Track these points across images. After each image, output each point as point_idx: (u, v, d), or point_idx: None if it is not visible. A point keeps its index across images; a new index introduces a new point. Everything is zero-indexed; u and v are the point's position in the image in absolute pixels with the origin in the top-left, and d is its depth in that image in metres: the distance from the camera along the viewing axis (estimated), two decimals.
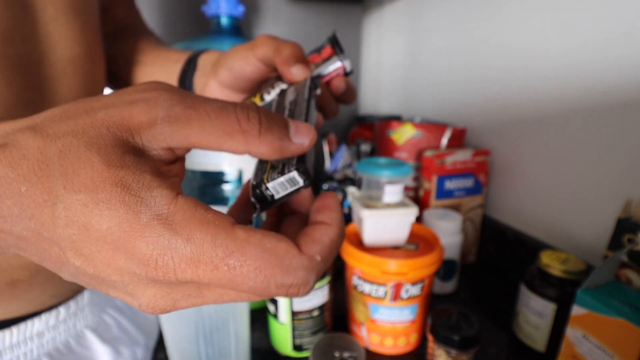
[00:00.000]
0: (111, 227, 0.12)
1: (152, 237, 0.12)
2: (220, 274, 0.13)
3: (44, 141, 0.12)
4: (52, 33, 0.30)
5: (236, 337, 0.37)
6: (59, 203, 0.12)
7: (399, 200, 0.44)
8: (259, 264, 0.13)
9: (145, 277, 0.13)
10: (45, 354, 0.33)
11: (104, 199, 0.12)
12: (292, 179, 0.17)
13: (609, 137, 0.43)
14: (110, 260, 0.12)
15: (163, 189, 0.13)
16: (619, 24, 0.41)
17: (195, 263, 0.12)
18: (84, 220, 0.12)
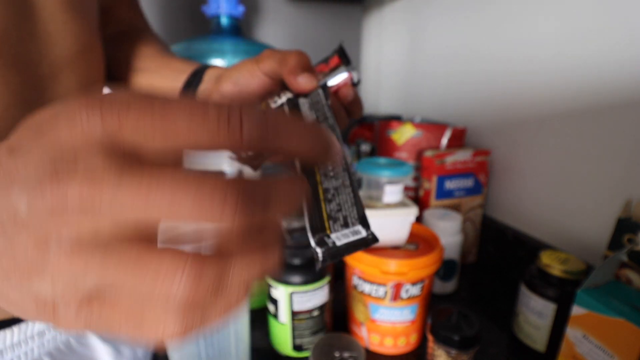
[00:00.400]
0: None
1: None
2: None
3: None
4: (50, 32, 0.30)
5: (236, 337, 0.37)
6: None
7: (399, 200, 0.44)
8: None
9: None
10: (46, 353, 0.33)
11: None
12: (356, 231, 0.17)
13: (609, 137, 0.43)
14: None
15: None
16: (619, 24, 0.41)
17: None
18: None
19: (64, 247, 0.12)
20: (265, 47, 0.64)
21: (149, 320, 0.13)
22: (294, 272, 0.38)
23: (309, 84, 0.24)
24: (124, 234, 0.12)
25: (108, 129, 0.12)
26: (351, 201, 0.19)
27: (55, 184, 0.11)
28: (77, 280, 0.12)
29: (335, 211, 0.18)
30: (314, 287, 0.39)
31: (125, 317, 0.13)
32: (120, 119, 0.12)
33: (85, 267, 0.12)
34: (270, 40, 0.96)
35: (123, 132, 0.12)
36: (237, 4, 0.65)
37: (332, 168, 0.20)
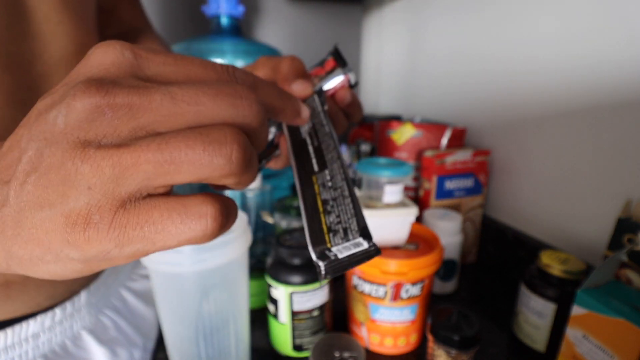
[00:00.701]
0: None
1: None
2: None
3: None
4: (45, 32, 0.29)
5: (236, 337, 0.37)
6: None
7: (399, 200, 0.44)
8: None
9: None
10: (41, 355, 0.33)
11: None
12: (357, 244, 0.17)
13: (609, 137, 0.43)
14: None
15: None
16: (619, 24, 0.41)
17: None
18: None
19: (103, 149, 0.13)
20: (265, 47, 0.64)
21: (193, 209, 0.14)
22: (294, 272, 0.38)
23: (303, 91, 0.24)
24: (161, 131, 0.13)
25: (139, 61, 0.14)
26: (351, 212, 0.18)
27: (89, 93, 0.13)
28: (118, 182, 0.13)
29: (335, 223, 0.18)
30: (314, 287, 0.39)
31: (168, 214, 0.13)
32: (149, 57, 0.14)
33: (128, 165, 0.13)
34: (270, 40, 0.96)
35: (151, 67, 0.14)
36: (237, 4, 0.65)
37: (331, 178, 0.19)
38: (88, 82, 0.13)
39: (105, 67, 0.14)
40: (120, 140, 0.13)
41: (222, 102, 0.14)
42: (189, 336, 0.34)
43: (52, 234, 0.13)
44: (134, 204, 0.13)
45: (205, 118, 0.14)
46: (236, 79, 0.16)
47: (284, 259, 0.39)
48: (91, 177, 0.12)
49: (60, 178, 0.13)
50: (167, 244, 0.13)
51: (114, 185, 0.13)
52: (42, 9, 0.29)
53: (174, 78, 0.15)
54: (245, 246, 0.34)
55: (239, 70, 0.16)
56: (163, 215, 0.13)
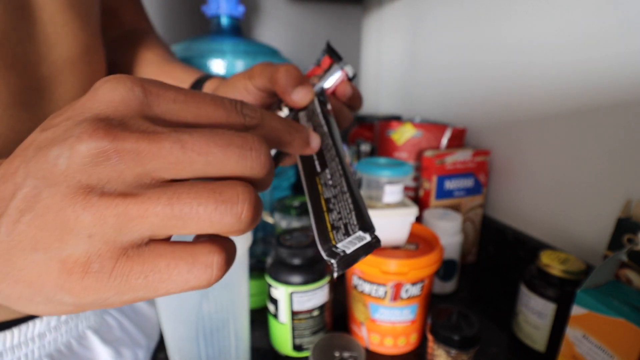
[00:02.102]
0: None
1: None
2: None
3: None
4: (50, 33, 0.30)
5: (236, 337, 0.37)
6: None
7: (399, 200, 0.44)
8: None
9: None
10: (47, 355, 0.33)
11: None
12: (359, 237, 0.17)
13: (609, 137, 0.43)
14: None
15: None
16: (620, 23, 0.41)
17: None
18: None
19: (107, 197, 0.12)
20: (265, 47, 0.64)
21: (201, 258, 0.13)
22: (294, 272, 0.38)
23: (304, 98, 0.24)
24: (158, 180, 0.13)
25: (149, 99, 0.14)
26: (349, 207, 0.18)
27: (95, 137, 0.12)
28: (121, 231, 0.12)
29: (337, 220, 0.18)
30: (314, 287, 0.39)
31: (175, 264, 0.13)
32: (159, 94, 0.14)
33: (134, 216, 0.12)
34: (270, 40, 0.96)
35: (161, 105, 0.14)
36: (237, 4, 0.65)
37: (331, 176, 0.20)
38: (95, 122, 0.12)
39: (114, 105, 0.13)
40: (124, 187, 0.13)
41: (232, 154, 0.14)
42: (189, 336, 0.34)
43: (45, 278, 0.12)
44: (136, 251, 0.13)
45: (214, 169, 0.14)
46: (244, 116, 0.16)
47: (284, 259, 0.39)
48: (93, 225, 0.12)
49: (58, 222, 0.12)
50: (170, 291, 0.13)
51: (117, 234, 0.12)
52: (47, 11, 0.29)
53: (182, 116, 0.14)
54: (245, 246, 0.34)
55: (247, 105, 0.16)
56: (170, 265, 0.13)
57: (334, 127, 0.22)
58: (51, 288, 0.13)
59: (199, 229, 0.13)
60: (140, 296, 0.13)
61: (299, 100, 0.23)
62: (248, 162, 0.14)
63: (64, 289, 0.12)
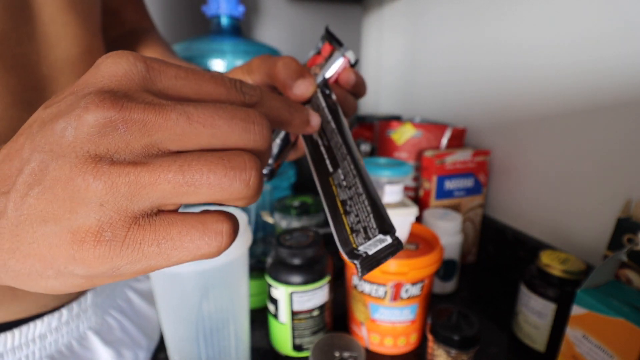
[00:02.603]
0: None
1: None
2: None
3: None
4: (50, 33, 0.29)
5: (236, 337, 0.37)
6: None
7: (399, 200, 0.44)
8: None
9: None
10: (48, 356, 0.33)
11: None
12: (380, 240, 0.17)
13: (609, 137, 0.43)
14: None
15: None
16: (620, 23, 0.41)
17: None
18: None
19: (118, 165, 0.12)
20: (265, 47, 0.64)
21: (211, 226, 0.14)
22: (294, 272, 0.38)
23: (307, 91, 0.23)
24: (165, 150, 0.13)
25: (151, 74, 0.14)
26: (367, 210, 0.18)
27: (102, 107, 0.12)
28: (132, 199, 0.13)
29: (355, 223, 0.18)
30: (314, 287, 0.39)
31: (187, 231, 0.13)
32: (161, 70, 0.14)
33: (145, 184, 0.13)
34: (270, 40, 0.96)
35: (163, 80, 0.14)
36: (237, 4, 0.65)
37: (344, 177, 0.19)
38: (101, 93, 0.13)
39: (117, 79, 0.13)
40: (133, 157, 0.13)
41: (236, 126, 0.14)
42: (189, 336, 0.34)
43: (56, 250, 0.12)
44: (147, 220, 0.13)
45: (219, 140, 0.14)
46: (244, 94, 0.16)
47: (284, 259, 0.39)
48: (104, 194, 0.12)
49: (68, 193, 0.12)
50: (182, 259, 0.14)
51: (128, 202, 0.13)
52: (47, 11, 0.29)
53: (184, 92, 0.15)
54: (245, 246, 0.34)
55: (246, 84, 0.16)
56: (181, 232, 0.13)
57: (342, 122, 0.22)
58: (63, 260, 0.13)
59: (210, 196, 0.13)
60: (153, 265, 0.13)
61: (301, 93, 0.23)
62: (251, 134, 0.14)
63: (77, 259, 0.12)
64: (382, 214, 0.17)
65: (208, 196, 0.13)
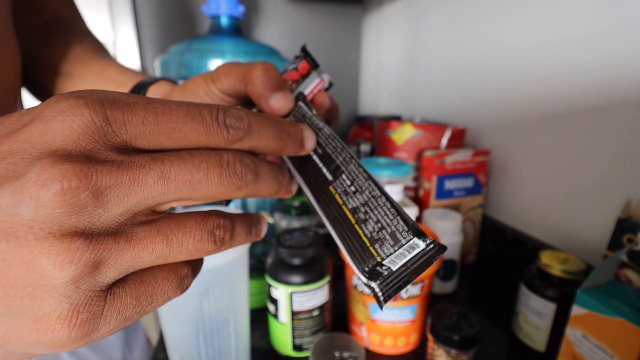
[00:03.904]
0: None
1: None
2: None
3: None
4: None
5: (236, 337, 0.37)
6: None
7: (399, 201, 0.44)
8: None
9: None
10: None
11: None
12: (411, 246, 0.14)
13: (609, 136, 0.43)
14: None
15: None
16: (619, 23, 0.41)
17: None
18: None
19: (94, 240, 0.11)
20: (265, 47, 0.64)
21: (180, 269, 0.14)
22: (294, 272, 0.38)
23: (284, 107, 0.20)
24: (144, 213, 0.13)
25: (114, 127, 0.12)
26: (391, 212, 0.15)
27: (65, 179, 0.10)
28: (111, 271, 0.12)
29: (376, 231, 0.15)
30: (314, 287, 0.39)
31: (158, 282, 0.13)
32: (125, 119, 0.12)
33: (126, 256, 0.12)
34: (270, 41, 0.96)
35: (128, 130, 0.12)
36: (237, 4, 0.65)
37: (352, 182, 0.17)
38: (57, 159, 0.10)
39: (74, 139, 0.11)
40: (109, 228, 0.12)
41: (213, 176, 0.13)
42: (189, 336, 0.34)
43: (12, 336, 0.11)
44: (122, 286, 0.12)
45: (198, 193, 0.13)
46: (227, 130, 0.14)
47: (284, 259, 0.39)
48: (81, 275, 0.11)
49: (28, 280, 0.10)
50: (155, 308, 0.14)
51: (105, 277, 0.12)
52: None
53: (155, 140, 0.13)
54: (246, 246, 0.34)
55: (230, 113, 0.14)
56: (155, 287, 0.13)
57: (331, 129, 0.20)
58: (22, 344, 0.11)
59: (189, 256, 0.14)
60: (129, 322, 0.13)
61: (278, 108, 0.20)
62: (230, 179, 0.14)
63: (43, 343, 0.11)
64: (408, 217, 0.15)
65: (187, 257, 0.13)
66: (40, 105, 0.12)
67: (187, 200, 0.14)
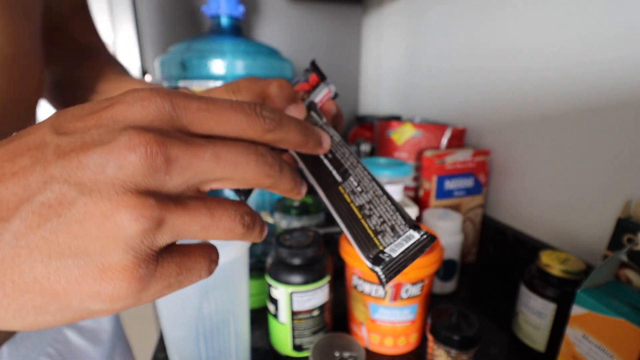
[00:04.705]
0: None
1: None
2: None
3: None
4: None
5: (236, 337, 0.37)
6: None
7: (400, 200, 0.44)
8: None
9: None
10: None
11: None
12: (408, 237, 0.17)
13: (608, 137, 0.43)
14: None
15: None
16: (618, 24, 0.41)
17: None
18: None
19: (160, 203, 0.13)
20: (265, 47, 0.64)
21: (211, 252, 0.16)
22: (294, 272, 0.38)
23: (299, 116, 0.23)
24: (194, 189, 0.15)
25: (178, 112, 0.14)
26: (392, 209, 0.18)
27: (148, 146, 0.12)
28: (166, 234, 0.13)
29: (379, 224, 0.18)
30: (314, 287, 0.39)
31: (196, 258, 0.15)
32: (186, 105, 0.15)
33: (180, 222, 0.13)
34: (270, 41, 0.96)
35: (188, 115, 0.15)
36: (237, 4, 0.65)
37: (358, 183, 0.20)
38: (142, 131, 0.13)
39: (150, 119, 0.14)
40: (172, 195, 0.14)
41: (257, 167, 0.16)
42: (189, 336, 0.34)
43: (75, 286, 0.12)
44: (168, 252, 0.14)
45: (237, 174, 0.15)
46: (264, 119, 0.16)
47: (284, 259, 0.39)
48: (148, 231, 0.12)
49: (103, 230, 0.12)
50: (189, 284, 0.15)
51: (161, 239, 0.13)
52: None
53: (207, 124, 0.15)
54: (246, 246, 0.34)
55: (266, 108, 0.17)
56: (194, 262, 0.15)
57: (340, 137, 0.23)
58: (83, 295, 0.12)
59: (224, 234, 0.15)
60: (168, 292, 0.14)
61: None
62: (268, 171, 0.16)
63: (101, 294, 0.12)
64: (405, 212, 0.18)
65: (222, 235, 0.15)
66: (119, 95, 0.14)
67: (228, 180, 0.15)
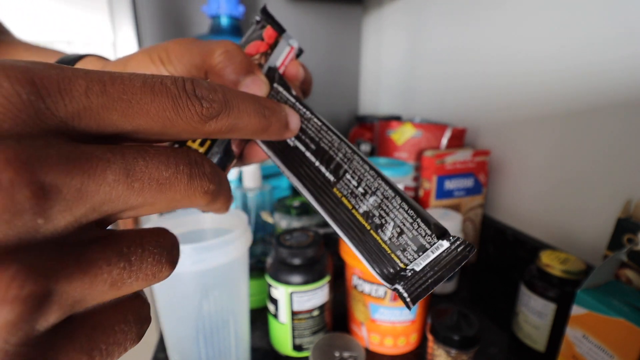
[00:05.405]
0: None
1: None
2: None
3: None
4: None
5: (236, 337, 0.37)
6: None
7: None
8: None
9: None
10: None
11: None
12: (436, 247, 0.13)
13: (609, 137, 0.43)
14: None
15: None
16: (618, 24, 0.41)
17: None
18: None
19: (26, 265, 0.08)
20: None
21: (139, 308, 0.11)
22: (294, 272, 0.38)
23: (259, 93, 0.16)
24: (96, 226, 0.10)
25: (48, 101, 0.09)
26: (410, 214, 0.14)
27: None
28: (47, 310, 0.08)
29: (395, 237, 0.14)
30: (314, 287, 0.39)
31: (119, 329, 0.10)
32: (62, 88, 0.09)
33: (61, 282, 0.08)
34: None
35: (68, 105, 0.09)
36: (237, 4, 0.65)
37: (358, 182, 0.15)
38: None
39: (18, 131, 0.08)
40: (47, 245, 0.08)
41: (190, 185, 0.11)
42: (189, 336, 0.34)
43: None
44: (63, 334, 0.09)
45: (163, 201, 0.11)
46: (200, 103, 0.11)
47: (284, 259, 0.39)
48: (14, 320, 0.08)
49: None
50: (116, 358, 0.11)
51: (43, 320, 0.08)
52: None
53: (105, 117, 0.10)
54: (245, 246, 0.34)
55: (201, 84, 0.12)
56: (111, 333, 0.10)
57: (323, 118, 0.18)
58: None
59: (140, 286, 0.11)
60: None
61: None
62: (198, 180, 0.11)
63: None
64: (427, 215, 0.14)
65: (143, 282, 0.10)
66: None
67: (148, 206, 0.10)
